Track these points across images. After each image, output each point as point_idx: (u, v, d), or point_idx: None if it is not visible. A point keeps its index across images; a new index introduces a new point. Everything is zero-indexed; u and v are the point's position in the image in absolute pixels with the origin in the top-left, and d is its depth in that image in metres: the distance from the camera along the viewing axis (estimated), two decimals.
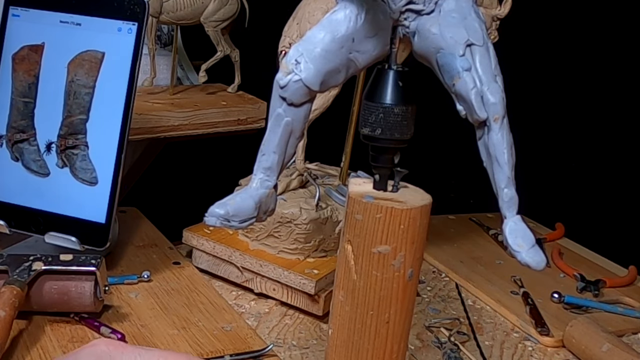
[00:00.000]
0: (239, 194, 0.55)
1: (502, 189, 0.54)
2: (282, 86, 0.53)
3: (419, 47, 0.55)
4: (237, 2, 1.10)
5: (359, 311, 0.53)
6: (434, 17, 0.54)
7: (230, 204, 0.54)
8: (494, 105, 0.53)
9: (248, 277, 0.90)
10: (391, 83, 0.54)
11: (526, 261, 0.52)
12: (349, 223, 0.53)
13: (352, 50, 0.53)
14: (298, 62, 0.52)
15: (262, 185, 0.55)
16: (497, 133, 0.54)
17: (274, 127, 0.54)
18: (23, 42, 0.84)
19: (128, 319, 0.78)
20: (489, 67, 0.55)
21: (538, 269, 0.52)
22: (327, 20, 0.53)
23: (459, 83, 0.54)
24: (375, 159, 0.55)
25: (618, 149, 1.40)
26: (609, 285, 0.99)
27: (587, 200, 1.40)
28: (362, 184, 0.55)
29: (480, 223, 1.16)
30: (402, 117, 0.53)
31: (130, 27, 0.81)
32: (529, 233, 0.53)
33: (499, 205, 0.55)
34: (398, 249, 0.52)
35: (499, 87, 0.54)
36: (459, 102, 0.55)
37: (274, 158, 0.55)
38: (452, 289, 0.98)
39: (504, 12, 0.91)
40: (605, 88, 1.39)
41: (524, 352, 0.84)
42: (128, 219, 1.01)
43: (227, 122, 1.09)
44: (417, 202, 0.53)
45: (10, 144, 0.85)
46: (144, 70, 1.01)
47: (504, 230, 0.53)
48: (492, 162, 0.54)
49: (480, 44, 0.55)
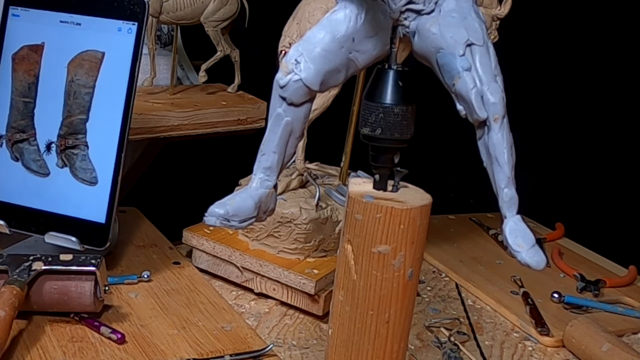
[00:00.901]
0: (239, 193, 0.55)
1: (502, 188, 0.54)
2: (282, 86, 0.53)
3: (419, 47, 0.55)
4: (237, 2, 1.10)
5: (359, 311, 0.53)
6: (434, 17, 0.54)
7: (229, 204, 0.54)
8: (494, 105, 0.53)
9: (248, 277, 0.90)
10: (391, 83, 0.54)
11: (526, 261, 0.52)
12: (349, 223, 0.53)
13: (352, 50, 0.53)
14: (298, 62, 0.52)
15: (262, 185, 0.55)
16: (497, 133, 0.54)
17: (273, 126, 0.54)
18: (23, 42, 0.84)
19: (128, 319, 0.78)
20: (489, 67, 0.55)
21: (538, 268, 0.52)
22: (327, 20, 0.53)
23: (459, 83, 0.54)
24: (375, 158, 0.55)
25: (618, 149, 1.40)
26: (609, 285, 0.99)
27: (587, 200, 1.39)
28: (362, 184, 0.55)
29: (480, 223, 1.16)
30: (402, 117, 0.53)
31: (130, 27, 0.81)
32: (529, 233, 0.53)
33: (499, 205, 0.55)
34: (398, 248, 0.52)
35: (499, 86, 0.54)
36: (459, 102, 0.55)
37: (274, 158, 0.55)
38: (452, 289, 0.98)
39: (504, 12, 0.91)
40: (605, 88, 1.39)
41: (524, 352, 0.84)
42: (128, 219, 1.01)
43: (227, 122, 1.09)
44: (417, 202, 0.53)
45: (10, 144, 0.85)
46: (144, 70, 1.01)
47: (504, 230, 0.53)
48: (492, 162, 0.54)
49: (480, 44, 0.55)
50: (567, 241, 1.14)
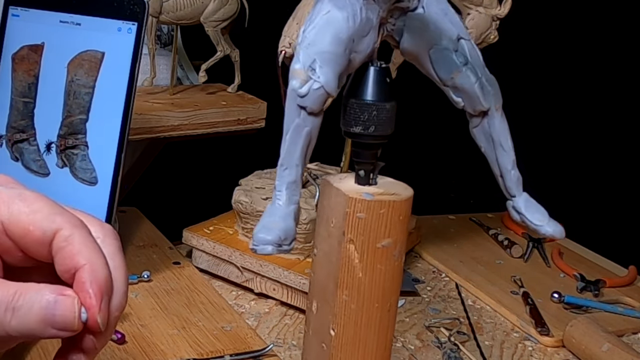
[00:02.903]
0: (272, 215, 0.52)
1: (510, 170, 0.57)
2: (302, 95, 0.51)
3: (408, 45, 0.55)
4: (237, 2, 1.10)
5: (365, 306, 0.53)
6: (421, 14, 0.55)
7: (275, 228, 0.51)
8: (495, 95, 0.56)
9: (248, 277, 0.90)
10: (381, 80, 0.54)
11: (550, 233, 0.57)
12: (350, 223, 0.53)
13: (352, 51, 0.53)
14: (313, 68, 0.50)
15: (290, 201, 0.52)
16: (500, 120, 0.56)
17: (294, 138, 0.52)
18: (23, 42, 0.84)
19: (128, 319, 0.78)
20: (478, 58, 0.57)
21: (561, 237, 0.58)
22: (325, 21, 0.52)
23: (459, 77, 0.55)
24: (361, 155, 0.55)
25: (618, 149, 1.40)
26: (609, 285, 0.99)
27: (587, 200, 1.40)
28: (340, 182, 0.55)
29: (480, 223, 1.16)
30: (392, 113, 0.54)
31: (130, 27, 0.81)
32: (541, 208, 0.58)
33: (506, 186, 0.59)
34: (398, 239, 0.53)
35: (492, 76, 0.57)
36: (456, 94, 0.56)
37: (297, 171, 0.52)
38: (452, 289, 0.98)
39: (504, 12, 0.91)
40: (605, 88, 1.39)
41: (524, 352, 0.84)
42: (128, 219, 1.01)
43: (227, 122, 1.09)
44: (405, 191, 0.55)
45: (10, 144, 0.85)
46: (144, 70, 1.01)
47: (517, 208, 0.57)
48: (495, 148, 0.57)
49: (467, 38, 0.56)
50: (567, 241, 1.14)
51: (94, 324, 0.38)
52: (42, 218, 0.39)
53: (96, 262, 0.39)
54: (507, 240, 1.08)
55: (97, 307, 0.38)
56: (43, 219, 0.39)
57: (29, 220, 0.39)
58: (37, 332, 0.38)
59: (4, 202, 0.39)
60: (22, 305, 0.37)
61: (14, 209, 0.39)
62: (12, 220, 0.39)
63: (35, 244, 0.39)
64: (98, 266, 0.39)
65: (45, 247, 0.39)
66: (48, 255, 0.39)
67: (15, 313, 0.37)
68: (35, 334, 0.38)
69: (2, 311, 0.37)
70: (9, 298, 0.37)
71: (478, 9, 0.91)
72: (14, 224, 0.39)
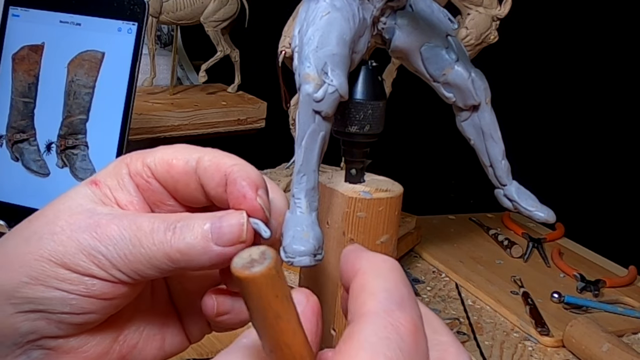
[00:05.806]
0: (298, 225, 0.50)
1: (500, 160, 0.60)
2: (318, 100, 0.50)
3: (400, 42, 0.56)
4: (237, 2, 1.10)
5: None
6: (411, 12, 0.55)
7: (306, 238, 0.50)
8: (485, 89, 0.57)
9: None
10: (374, 79, 0.55)
11: (543, 217, 0.60)
12: (350, 222, 0.53)
13: (352, 52, 0.53)
14: (325, 72, 0.50)
15: (311, 208, 0.51)
16: (490, 113, 0.58)
17: (310, 144, 0.51)
18: (23, 42, 0.84)
19: None
20: (465, 54, 0.58)
21: (553, 221, 0.61)
22: (327, 23, 0.52)
23: (451, 73, 0.56)
24: (353, 154, 0.56)
25: (618, 149, 1.40)
26: (609, 285, 0.99)
27: (587, 200, 1.40)
28: (331, 182, 0.55)
29: (480, 223, 1.16)
30: (384, 111, 0.55)
31: (130, 27, 0.81)
32: (532, 195, 0.60)
33: (496, 175, 0.60)
34: (393, 234, 0.54)
35: (479, 70, 0.58)
36: (447, 90, 0.57)
37: (315, 177, 0.51)
38: (452, 289, 0.98)
39: (504, 12, 0.91)
40: (605, 88, 1.39)
41: (524, 352, 0.84)
42: None
43: (227, 122, 1.09)
44: (395, 187, 0.56)
45: (10, 144, 0.85)
46: (144, 70, 1.01)
47: (509, 196, 0.60)
48: (485, 139, 0.59)
49: (454, 34, 0.57)
50: (567, 241, 1.14)
51: (257, 210, 0.38)
52: (183, 150, 0.41)
53: (244, 164, 0.40)
54: (507, 240, 1.08)
55: (254, 196, 0.38)
56: (184, 151, 0.41)
57: (171, 156, 0.41)
58: (198, 251, 0.38)
59: (149, 152, 0.41)
60: (183, 225, 0.38)
61: (158, 154, 0.41)
62: (157, 162, 0.41)
63: (181, 175, 0.40)
64: (247, 166, 0.40)
65: (191, 177, 0.40)
66: (195, 189, 0.40)
67: (176, 232, 0.38)
68: (196, 254, 0.38)
69: (162, 232, 0.38)
70: (170, 220, 0.38)
71: (478, 9, 0.91)
72: (160, 165, 0.41)
